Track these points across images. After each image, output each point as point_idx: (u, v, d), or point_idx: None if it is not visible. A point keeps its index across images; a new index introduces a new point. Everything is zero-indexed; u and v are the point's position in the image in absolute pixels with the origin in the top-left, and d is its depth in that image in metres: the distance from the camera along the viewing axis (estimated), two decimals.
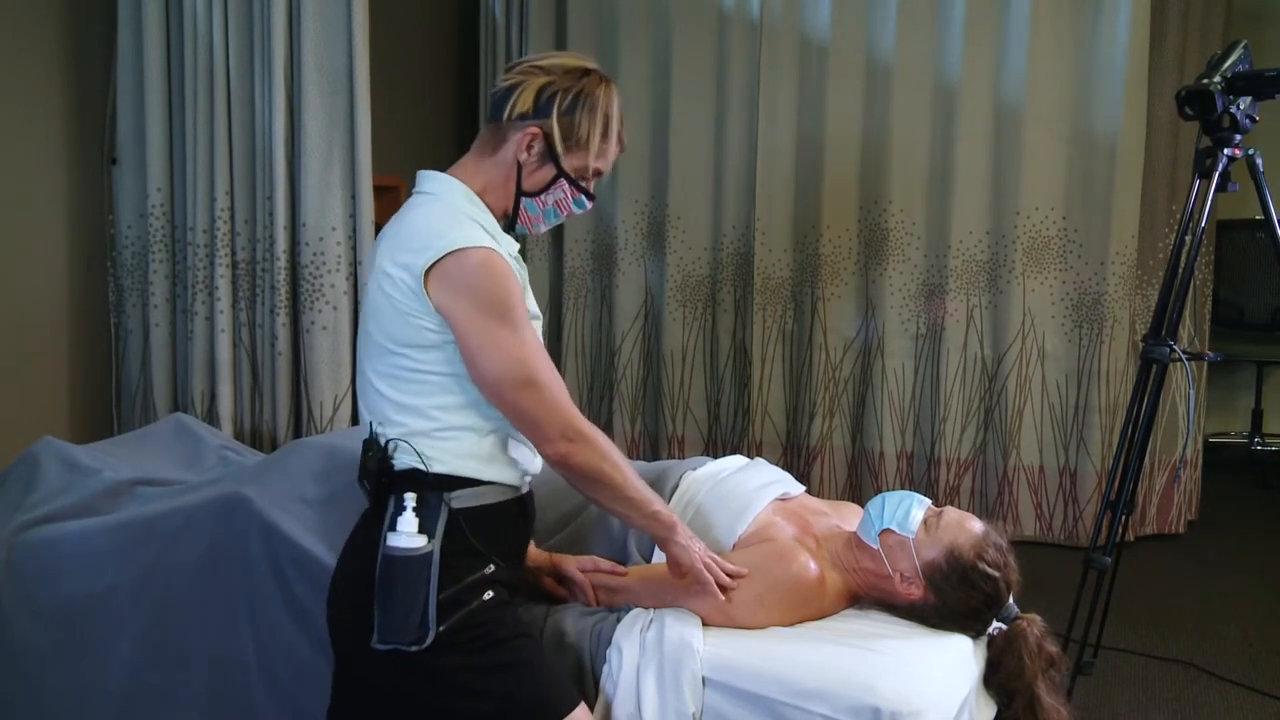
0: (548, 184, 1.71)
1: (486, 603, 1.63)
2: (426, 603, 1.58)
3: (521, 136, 1.68)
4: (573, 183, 1.71)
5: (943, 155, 4.13)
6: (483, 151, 1.72)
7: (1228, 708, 2.82)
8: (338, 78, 3.08)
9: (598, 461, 1.66)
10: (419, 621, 1.58)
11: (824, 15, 4.23)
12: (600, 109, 1.69)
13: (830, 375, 4.36)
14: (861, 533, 2.02)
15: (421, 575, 1.59)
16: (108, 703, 2.08)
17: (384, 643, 1.60)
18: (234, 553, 2.03)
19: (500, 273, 1.61)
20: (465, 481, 1.65)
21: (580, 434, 1.64)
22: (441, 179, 1.71)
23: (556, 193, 1.72)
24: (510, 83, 1.70)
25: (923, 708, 1.72)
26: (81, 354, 3.24)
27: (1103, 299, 4.01)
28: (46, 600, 2.13)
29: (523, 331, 1.62)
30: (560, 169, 1.69)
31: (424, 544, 1.60)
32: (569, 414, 1.64)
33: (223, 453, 2.61)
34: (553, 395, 1.63)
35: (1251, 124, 2.53)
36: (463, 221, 1.63)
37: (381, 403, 1.67)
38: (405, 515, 1.60)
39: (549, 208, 1.73)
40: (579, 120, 1.68)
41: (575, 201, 1.74)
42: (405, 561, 1.59)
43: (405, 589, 1.59)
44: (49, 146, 3.12)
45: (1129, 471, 2.63)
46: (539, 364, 1.62)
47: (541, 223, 1.76)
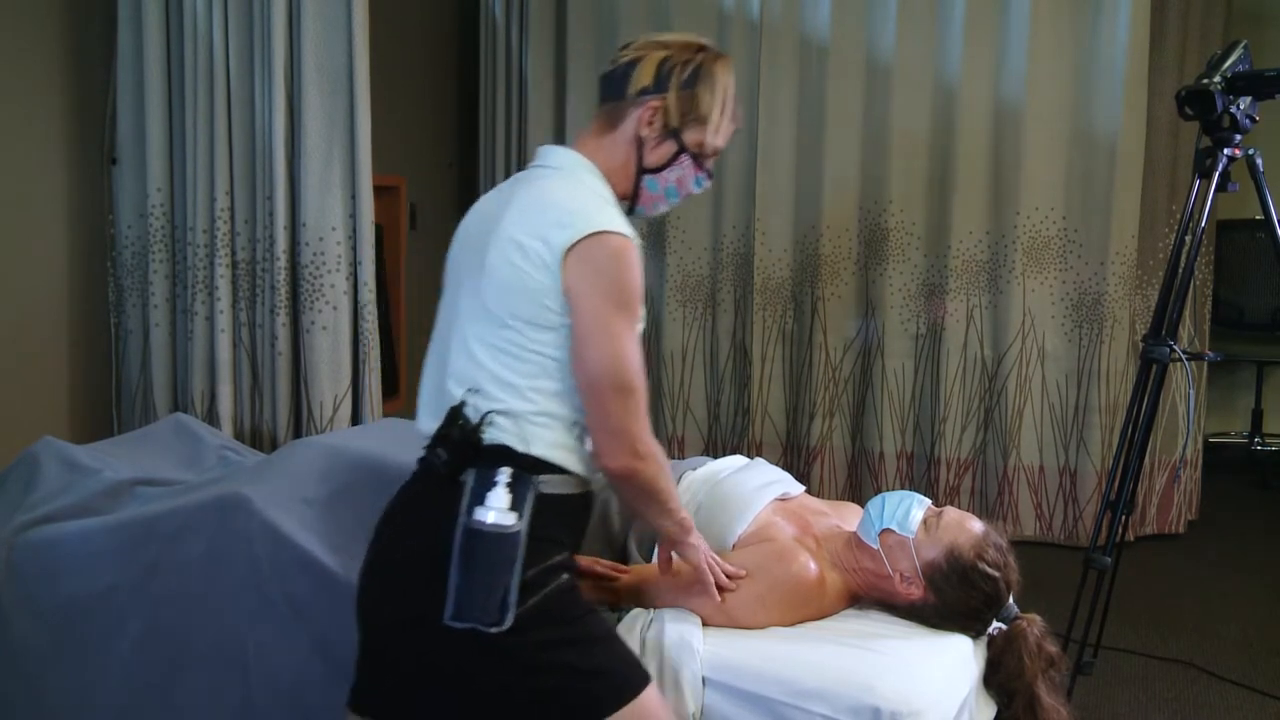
0: (670, 159, 1.68)
1: (562, 584, 1.59)
2: (510, 583, 1.52)
3: (643, 111, 1.65)
4: (695, 159, 1.69)
5: (943, 155, 4.13)
6: (601, 132, 1.69)
7: (1228, 708, 2.82)
8: (338, 78, 3.07)
9: (657, 478, 1.63)
10: (500, 602, 1.51)
11: (824, 15, 4.23)
12: (719, 84, 1.67)
13: (830, 375, 4.36)
14: (861, 533, 2.02)
15: (509, 553, 1.52)
16: (108, 702, 2.08)
17: (460, 620, 1.52)
18: (234, 553, 2.03)
19: (635, 265, 1.58)
20: (554, 468, 1.60)
21: (650, 453, 1.60)
22: (571, 155, 1.68)
23: (678, 169, 1.69)
24: (628, 59, 1.67)
25: (923, 708, 1.72)
26: (81, 354, 3.24)
27: (1103, 299, 4.01)
28: (46, 600, 2.13)
29: (634, 333, 1.58)
30: (682, 144, 1.67)
31: (515, 521, 1.53)
32: (645, 430, 1.60)
33: (223, 453, 2.61)
34: (640, 408, 1.59)
35: (1251, 124, 2.53)
36: (604, 204, 1.61)
37: (479, 373, 1.60)
38: (497, 490, 1.54)
39: (670, 185, 1.71)
40: (699, 94, 1.66)
41: (695, 180, 1.72)
42: (495, 538, 1.52)
43: (491, 566, 1.52)
44: (49, 146, 3.12)
45: (1129, 471, 2.63)
46: (638, 372, 1.58)
47: (662, 202, 1.72)
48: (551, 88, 4.65)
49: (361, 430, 2.71)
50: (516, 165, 4.68)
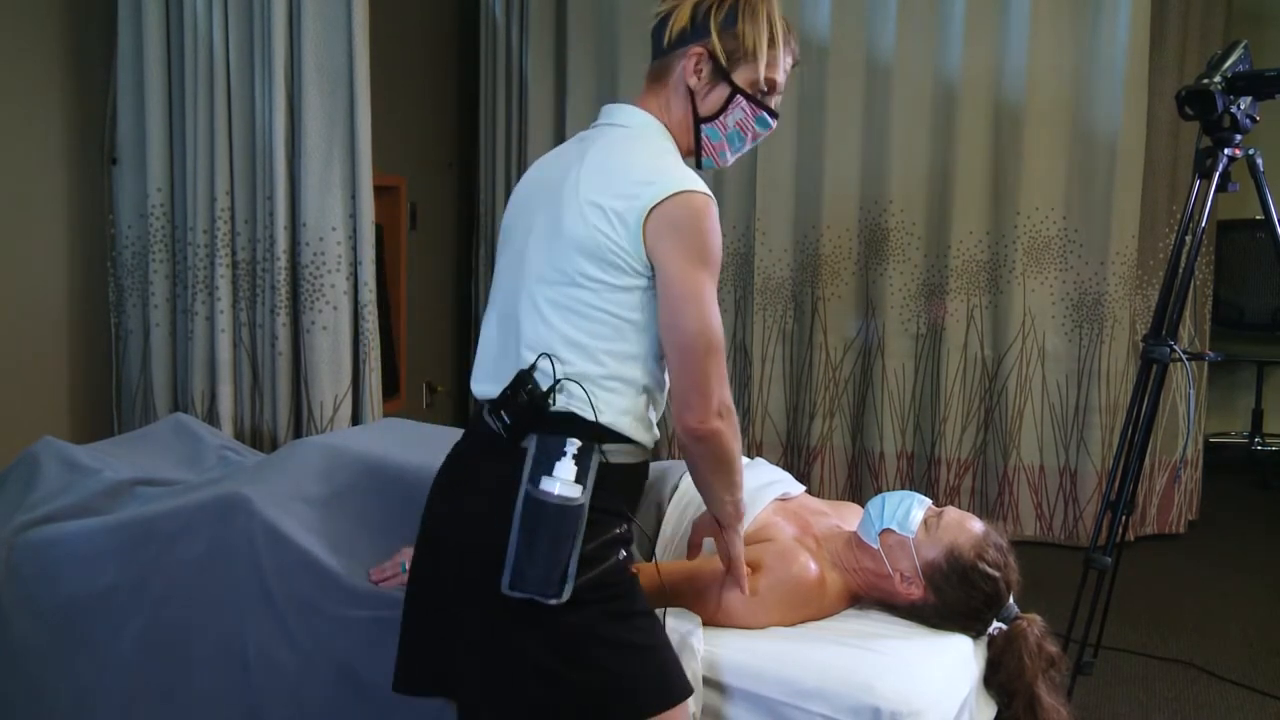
0: (724, 104, 1.63)
1: (620, 562, 1.57)
2: (571, 556, 1.49)
3: (687, 61, 1.61)
4: (750, 99, 1.64)
5: (943, 155, 4.13)
6: (653, 90, 1.66)
7: (1228, 708, 2.82)
8: (338, 78, 3.07)
9: (734, 443, 1.60)
10: (561, 575, 1.49)
11: (824, 15, 4.23)
12: (763, 15, 1.62)
13: (830, 375, 4.36)
14: (862, 532, 2.02)
15: (572, 527, 1.50)
16: (108, 702, 2.08)
17: (517, 590, 1.50)
18: (234, 553, 2.03)
19: (717, 225, 1.55)
20: (620, 437, 1.57)
21: (731, 412, 1.58)
22: (640, 114, 1.65)
23: (736, 113, 1.64)
24: (664, 10, 1.64)
25: (923, 708, 1.72)
26: (81, 354, 3.24)
27: (1103, 299, 4.01)
28: (46, 600, 2.13)
29: (714, 295, 1.55)
30: (734, 86, 1.62)
31: (580, 494, 1.51)
32: (727, 392, 1.57)
33: (223, 453, 2.61)
34: (721, 367, 1.55)
35: (1252, 124, 2.53)
36: (680, 163, 1.58)
37: (550, 334, 1.56)
38: (565, 461, 1.52)
39: (731, 131, 1.66)
40: (742, 30, 1.61)
41: (758, 120, 1.66)
42: (560, 509, 1.50)
43: (554, 538, 1.49)
44: (49, 146, 3.12)
45: (1129, 471, 2.63)
46: (720, 331, 1.56)
47: (727, 150, 1.68)
48: (551, 88, 4.65)
49: (361, 430, 2.71)
50: (517, 165, 4.69)
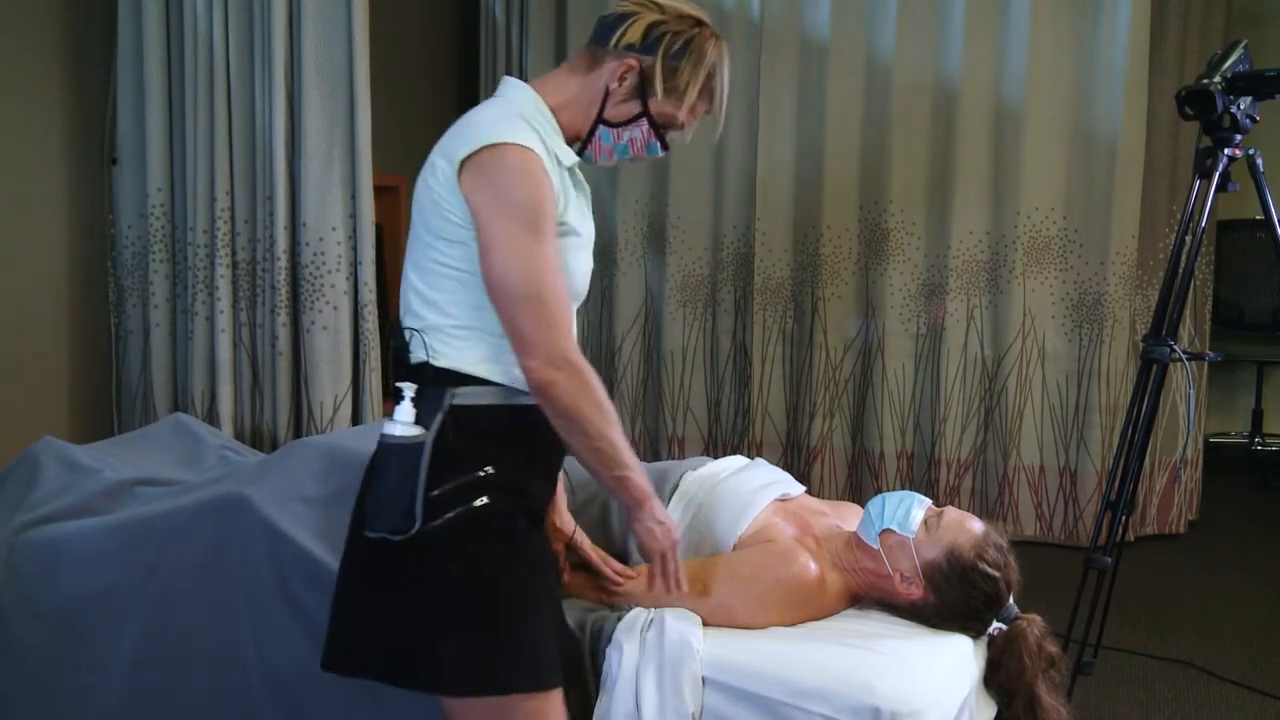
0: (629, 119, 1.66)
1: (480, 509, 1.57)
2: (414, 493, 1.55)
3: (619, 66, 1.63)
4: (654, 126, 1.67)
5: (943, 155, 4.13)
6: (574, 70, 1.68)
7: (1228, 708, 2.82)
8: (338, 78, 3.08)
9: (578, 397, 1.55)
10: (404, 511, 1.54)
11: (824, 15, 4.23)
12: (706, 64, 1.65)
13: (830, 375, 4.36)
14: (862, 533, 2.02)
15: (410, 465, 1.55)
16: (108, 702, 2.08)
17: (372, 530, 1.57)
18: (234, 553, 2.03)
19: (534, 176, 1.55)
20: (469, 379, 1.60)
21: (570, 364, 1.55)
22: (517, 85, 1.68)
23: (634, 130, 1.67)
24: (623, 11, 1.66)
25: (923, 708, 1.72)
26: (81, 354, 3.24)
27: (1103, 299, 4.01)
28: (46, 600, 2.13)
29: (544, 243, 1.55)
30: (646, 109, 1.65)
31: (417, 434, 1.56)
32: (563, 340, 1.56)
33: (223, 453, 2.61)
34: (551, 315, 1.55)
35: (1252, 124, 2.53)
36: (515, 121, 1.59)
37: (410, 294, 1.65)
38: (403, 405, 1.58)
39: (622, 143, 1.69)
40: (683, 68, 1.63)
41: (649, 146, 1.69)
42: (397, 450, 1.56)
43: (394, 477, 1.56)
44: (49, 146, 3.12)
45: (1129, 471, 2.63)
46: (548, 280, 1.55)
47: (611, 156, 1.71)
48: None
49: (361, 430, 2.71)
50: None
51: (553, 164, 1.60)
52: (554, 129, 1.65)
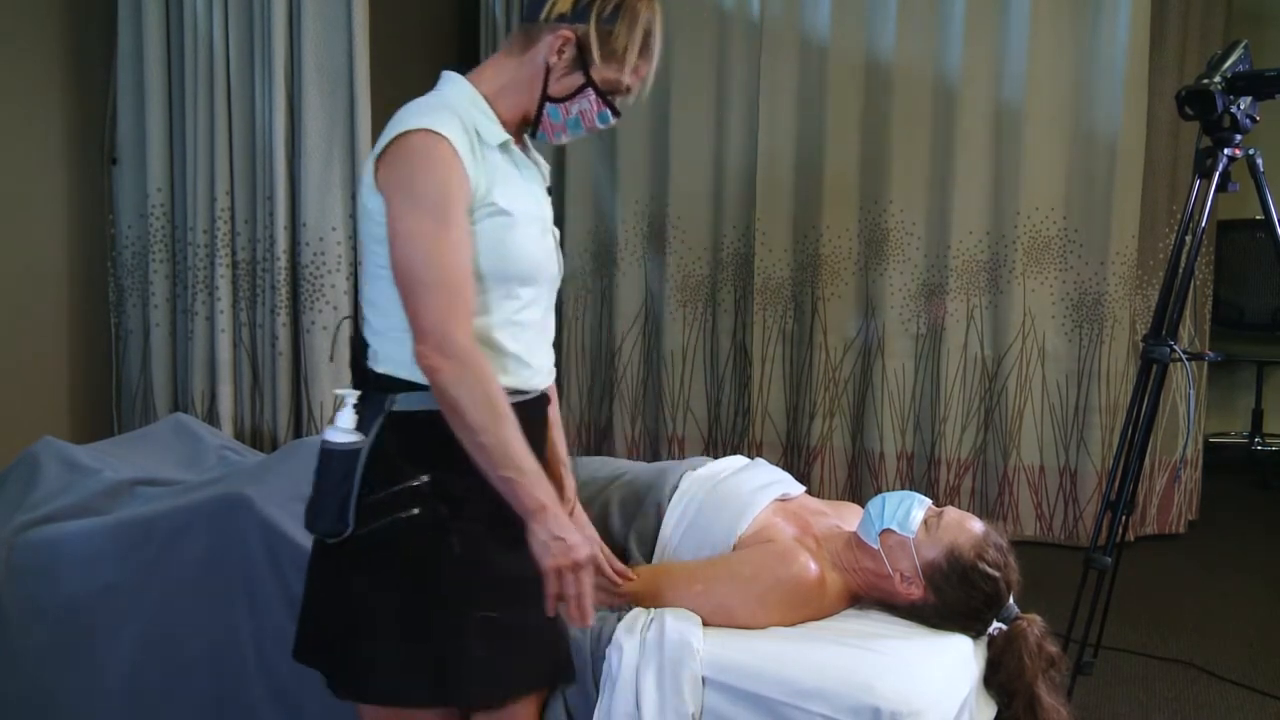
0: (574, 92, 1.64)
1: (411, 519, 1.56)
2: (348, 498, 1.56)
3: (554, 39, 1.61)
4: (600, 95, 1.65)
5: (943, 155, 4.13)
6: (510, 51, 1.67)
7: (1228, 708, 2.82)
8: (338, 78, 3.08)
9: (460, 387, 1.50)
10: (337, 515, 1.56)
11: (824, 15, 4.23)
12: (641, 23, 1.63)
13: (830, 375, 4.36)
14: (862, 533, 2.02)
15: (346, 470, 1.56)
16: (108, 703, 2.08)
17: (310, 530, 1.61)
18: (234, 552, 2.03)
19: (436, 159, 1.53)
20: (407, 384, 1.58)
21: (457, 353, 1.50)
22: (450, 77, 1.66)
23: (582, 102, 1.65)
24: None
25: (923, 708, 1.72)
26: (81, 354, 3.24)
27: (1103, 299, 4.01)
28: (46, 600, 2.13)
29: (447, 228, 1.52)
30: (589, 79, 1.63)
31: (354, 440, 1.57)
32: (454, 328, 1.50)
33: (223, 453, 2.61)
34: (443, 301, 1.51)
35: (1252, 124, 2.53)
36: (431, 110, 1.57)
37: (363, 299, 1.66)
38: (344, 411, 1.59)
39: (572, 117, 1.67)
40: (618, 31, 1.61)
41: (600, 115, 1.67)
42: (333, 454, 1.57)
43: (331, 481, 1.57)
44: (49, 146, 3.12)
45: (1129, 471, 2.63)
46: (445, 264, 1.51)
47: (564, 132, 1.69)
48: None
49: None
50: None
51: (474, 146, 1.58)
52: (485, 113, 1.62)
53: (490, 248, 1.58)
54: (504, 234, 1.59)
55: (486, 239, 1.58)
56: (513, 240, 1.60)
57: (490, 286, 1.60)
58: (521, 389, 1.65)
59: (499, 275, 1.60)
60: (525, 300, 1.63)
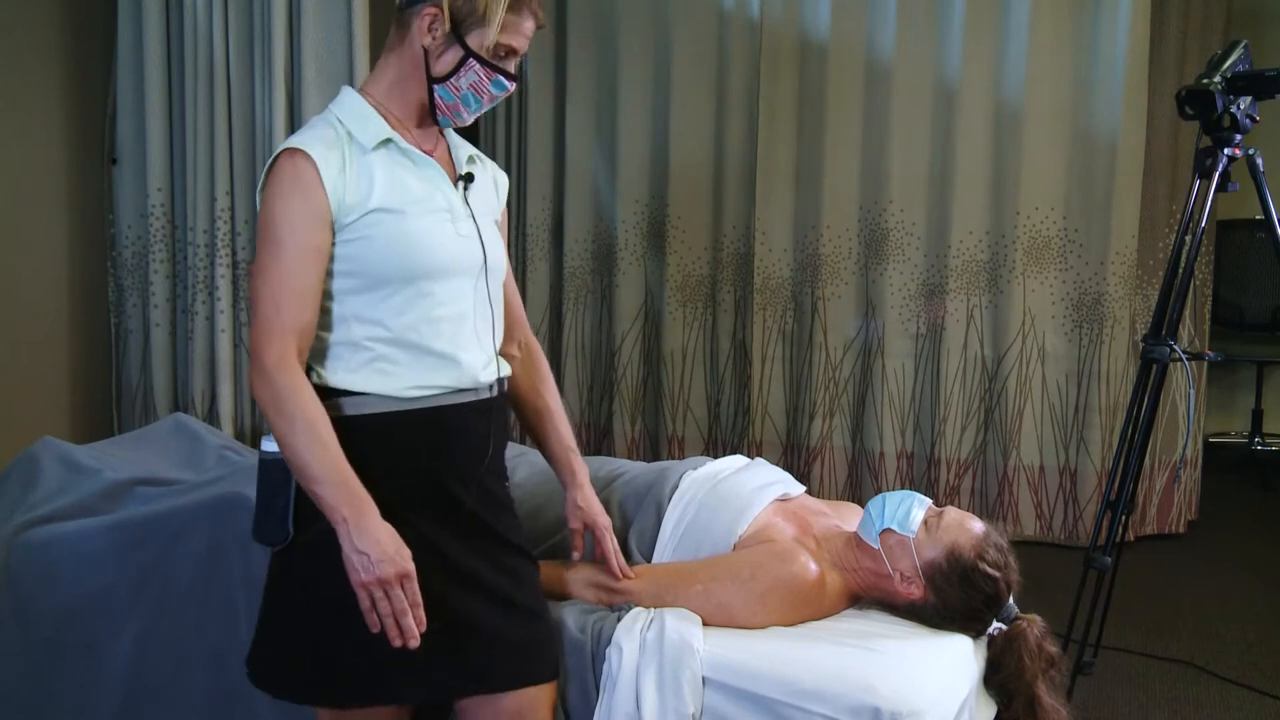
0: (456, 66, 1.62)
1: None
2: (287, 506, 1.59)
3: (421, 20, 1.60)
4: (484, 63, 1.62)
5: (943, 155, 4.13)
6: (391, 46, 1.67)
7: (1228, 707, 2.82)
8: (338, 78, 3.08)
9: (265, 405, 1.54)
10: (278, 523, 1.60)
11: (824, 15, 4.23)
12: None
13: (830, 375, 4.36)
14: (862, 532, 2.02)
15: (282, 479, 1.59)
16: (107, 702, 2.08)
17: (256, 539, 1.65)
18: (234, 553, 2.03)
19: (284, 178, 1.57)
20: (338, 392, 1.61)
21: (263, 371, 1.54)
22: (341, 93, 1.70)
23: (469, 75, 1.62)
24: None
25: (923, 708, 1.72)
26: (81, 354, 3.24)
27: (1103, 299, 4.01)
28: (46, 600, 2.13)
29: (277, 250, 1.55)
30: (467, 49, 1.60)
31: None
32: (264, 347, 1.54)
33: (223, 452, 2.61)
34: (260, 322, 1.55)
35: (1251, 124, 2.53)
36: (307, 129, 1.62)
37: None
38: None
39: (465, 93, 1.64)
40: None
41: (493, 83, 1.64)
42: (270, 464, 1.61)
43: (269, 490, 1.61)
44: (49, 146, 3.12)
45: (1129, 471, 2.63)
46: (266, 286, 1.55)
47: (462, 110, 1.66)
48: (551, 88, 4.65)
49: None
50: (516, 165, 4.69)
51: (348, 153, 1.59)
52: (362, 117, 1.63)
53: (386, 247, 1.59)
54: (397, 231, 1.59)
55: (379, 240, 1.59)
56: (408, 235, 1.60)
57: (398, 288, 1.61)
58: (457, 387, 1.66)
59: (404, 274, 1.60)
60: (441, 296, 1.63)
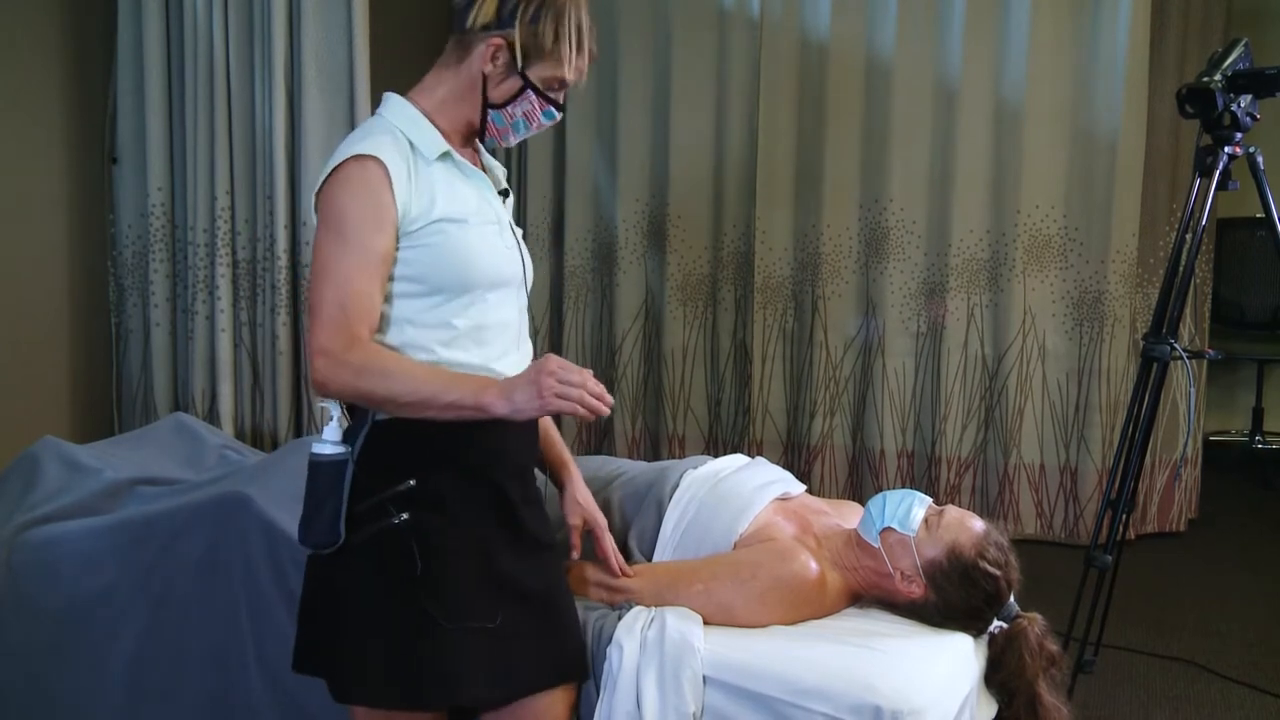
0: (514, 96, 1.66)
1: (398, 526, 1.59)
2: (338, 510, 1.59)
3: (486, 48, 1.63)
4: (540, 94, 1.67)
5: (943, 154, 4.13)
6: (447, 63, 1.69)
7: (1228, 706, 2.82)
8: (338, 78, 3.08)
9: (355, 382, 1.54)
10: (329, 526, 1.59)
11: (824, 15, 4.23)
12: (568, 18, 1.64)
13: (831, 374, 4.36)
14: (862, 531, 2.02)
15: (334, 481, 1.59)
16: (108, 702, 2.08)
17: (303, 544, 1.63)
18: (234, 553, 2.03)
19: (354, 181, 1.57)
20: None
21: (331, 357, 1.54)
22: (390, 99, 1.70)
23: (524, 104, 1.67)
24: None
25: (924, 706, 1.72)
26: (81, 354, 3.24)
27: (1103, 297, 4.01)
28: (47, 600, 2.13)
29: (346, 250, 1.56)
30: (527, 81, 1.65)
31: (340, 451, 1.60)
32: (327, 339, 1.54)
33: (223, 452, 2.61)
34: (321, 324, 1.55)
35: (1252, 122, 2.53)
36: (369, 134, 1.61)
37: None
38: (330, 424, 1.62)
39: (517, 119, 1.69)
40: (544, 30, 1.63)
41: (544, 113, 1.69)
42: (320, 466, 1.60)
43: (321, 494, 1.60)
44: (49, 146, 3.12)
45: (1130, 470, 2.63)
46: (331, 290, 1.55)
47: (511, 134, 1.71)
48: None
49: None
50: (516, 165, 4.69)
51: (413, 162, 1.61)
52: (422, 128, 1.65)
53: (449, 256, 1.61)
54: (460, 240, 1.62)
55: (442, 248, 1.61)
56: (469, 245, 1.63)
57: (455, 295, 1.63)
58: None
59: (463, 282, 1.63)
60: (492, 303, 1.66)
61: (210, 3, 3.05)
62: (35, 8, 3.06)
